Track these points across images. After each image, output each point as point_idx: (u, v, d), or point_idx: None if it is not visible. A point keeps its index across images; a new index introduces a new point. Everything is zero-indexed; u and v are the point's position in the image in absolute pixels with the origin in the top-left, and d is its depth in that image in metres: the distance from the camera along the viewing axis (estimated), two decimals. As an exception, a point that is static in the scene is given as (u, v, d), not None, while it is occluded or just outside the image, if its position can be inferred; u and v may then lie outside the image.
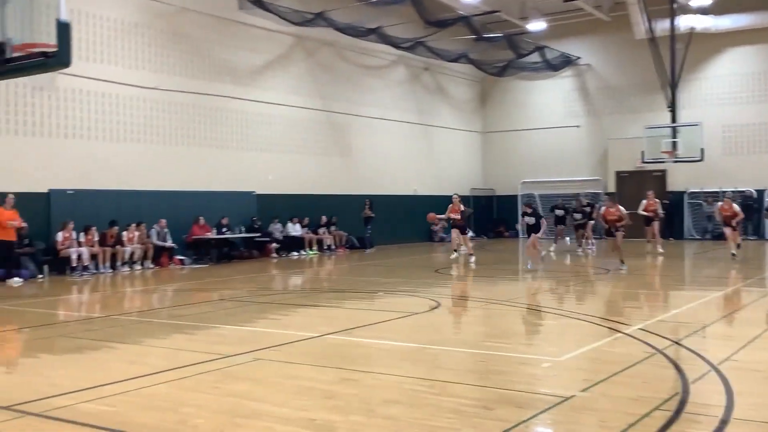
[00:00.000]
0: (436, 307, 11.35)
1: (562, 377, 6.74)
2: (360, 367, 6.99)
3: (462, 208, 18.89)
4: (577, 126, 31.89)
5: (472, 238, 21.18)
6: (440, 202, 30.45)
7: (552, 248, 22.19)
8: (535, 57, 30.15)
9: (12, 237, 15.82)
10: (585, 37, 31.34)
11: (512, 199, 32.32)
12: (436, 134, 31.50)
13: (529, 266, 16.93)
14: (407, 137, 29.83)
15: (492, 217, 33.55)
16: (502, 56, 30.17)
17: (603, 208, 17.60)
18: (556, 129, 32.17)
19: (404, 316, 10.58)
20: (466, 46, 29.02)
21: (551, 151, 32.13)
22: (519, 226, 17.45)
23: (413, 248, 25.42)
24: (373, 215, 25.79)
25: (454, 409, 5.48)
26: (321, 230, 24.61)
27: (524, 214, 17.12)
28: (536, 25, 28.77)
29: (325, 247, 24.49)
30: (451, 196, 19.56)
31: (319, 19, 22.65)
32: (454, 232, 18.98)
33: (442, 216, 18.84)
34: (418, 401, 5.76)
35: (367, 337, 8.80)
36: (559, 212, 23.57)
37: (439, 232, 28.63)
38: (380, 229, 26.59)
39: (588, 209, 22.52)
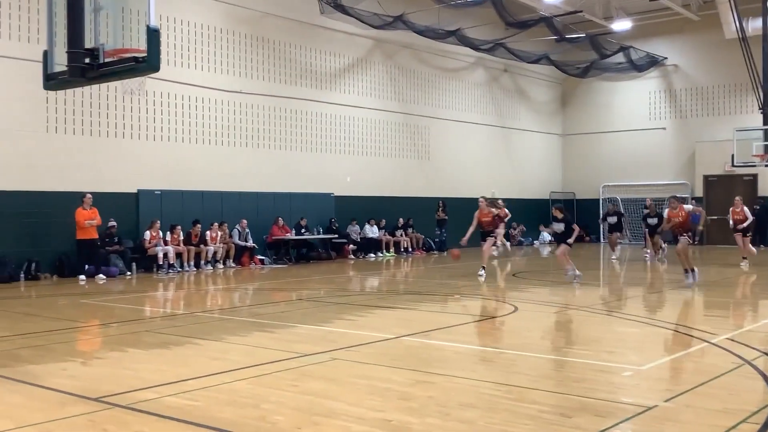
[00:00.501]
0: (513, 311, 11.22)
1: (644, 386, 6.55)
2: (436, 370, 6.98)
3: (495, 210, 17.03)
4: (662, 128, 30.96)
5: (498, 247, 19.18)
6: (519, 206, 30.11)
7: (613, 257, 21.61)
8: (619, 57, 29.40)
9: (93, 235, 16.42)
10: (672, 36, 30.40)
11: (593, 203, 31.64)
12: (515, 137, 31.15)
13: (567, 276, 14.95)
14: (485, 140, 29.62)
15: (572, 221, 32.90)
16: (584, 57, 29.52)
17: (666, 211, 15.45)
18: (641, 131, 31.31)
19: (481, 320, 10.50)
20: (547, 47, 28.58)
21: (635, 154, 31.26)
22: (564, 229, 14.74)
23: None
24: (446, 217, 25.58)
25: (531, 416, 5.41)
26: (398, 232, 24.70)
27: (553, 219, 15.11)
28: (621, 25, 28.08)
29: (402, 250, 24.55)
30: (477, 198, 17.64)
31: (398, 22, 22.76)
32: (491, 241, 16.80)
33: (465, 238, 16.22)
34: (494, 406, 5.70)
35: (443, 340, 8.77)
36: (612, 219, 22.51)
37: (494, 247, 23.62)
38: (458, 231, 26.43)
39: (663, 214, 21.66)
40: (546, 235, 31.12)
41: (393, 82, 25.76)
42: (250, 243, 20.35)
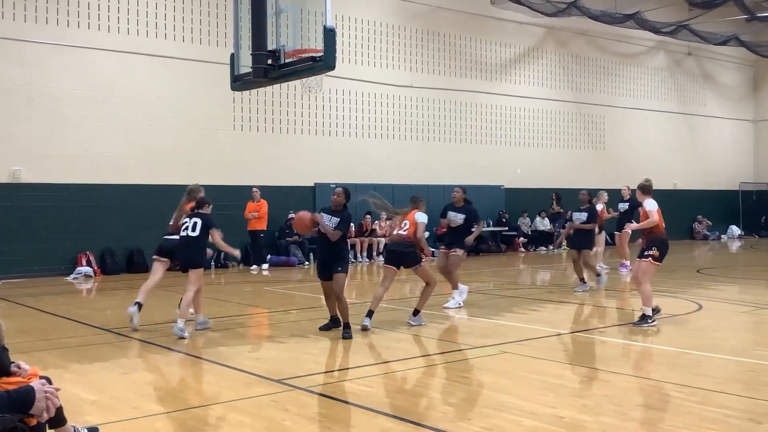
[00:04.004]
0: (697, 310, 10.57)
1: None
2: (611, 368, 6.73)
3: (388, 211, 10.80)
4: None
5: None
6: (704, 198, 28.28)
7: None
8: (820, 34, 26.72)
9: (257, 227, 17.24)
10: None
11: (790, 194, 29.04)
12: (700, 124, 29.23)
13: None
14: (666, 128, 28.05)
15: (766, 213, 30.43)
16: (779, 36, 27.11)
17: None
18: None
19: (661, 318, 9.98)
20: (736, 28, 26.55)
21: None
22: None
23: (673, 246, 23.84)
24: (561, 210, 23.47)
25: (716, 420, 5.07)
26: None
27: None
28: (823, -2, 25.48)
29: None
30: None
31: (572, 8, 22.07)
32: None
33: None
34: (676, 408, 5.41)
35: (619, 338, 8.43)
36: None
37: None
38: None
39: None
40: (735, 229, 28.99)
41: (565, 71, 25.03)
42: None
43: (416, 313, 9.29)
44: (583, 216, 13.05)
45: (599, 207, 17.14)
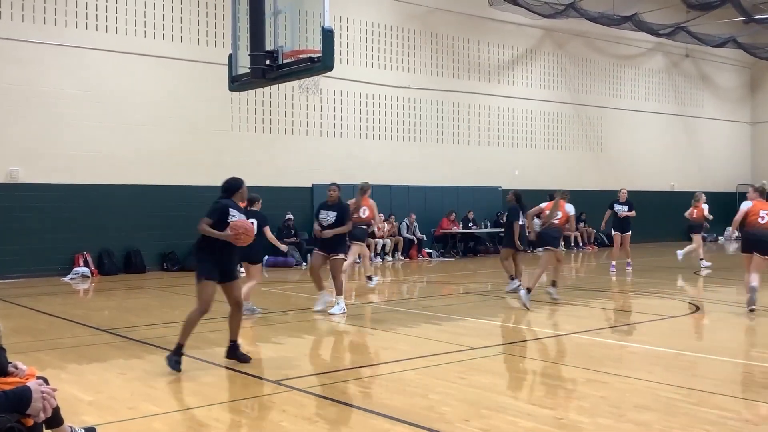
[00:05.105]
0: (695, 311, 10.58)
1: None
2: (608, 369, 6.73)
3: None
4: None
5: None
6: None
7: None
8: (817, 37, 26.77)
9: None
10: None
11: (787, 196, 29.07)
12: (697, 125, 29.28)
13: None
14: (664, 129, 28.09)
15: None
16: (776, 38, 27.17)
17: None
18: (844, 117, 28.36)
19: (658, 319, 10.00)
20: (733, 30, 26.59)
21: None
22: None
23: (670, 247, 23.89)
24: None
25: (713, 421, 5.08)
26: (566, 226, 24.06)
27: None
28: (820, 1, 25.55)
29: (572, 244, 23.89)
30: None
31: (570, 9, 22.09)
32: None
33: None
34: (672, 409, 5.41)
35: (616, 339, 8.44)
36: None
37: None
38: (633, 226, 25.34)
39: None
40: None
41: (563, 72, 25.07)
42: (418, 236, 20.65)
43: (554, 284, 11.55)
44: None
45: (704, 207, 16.72)
